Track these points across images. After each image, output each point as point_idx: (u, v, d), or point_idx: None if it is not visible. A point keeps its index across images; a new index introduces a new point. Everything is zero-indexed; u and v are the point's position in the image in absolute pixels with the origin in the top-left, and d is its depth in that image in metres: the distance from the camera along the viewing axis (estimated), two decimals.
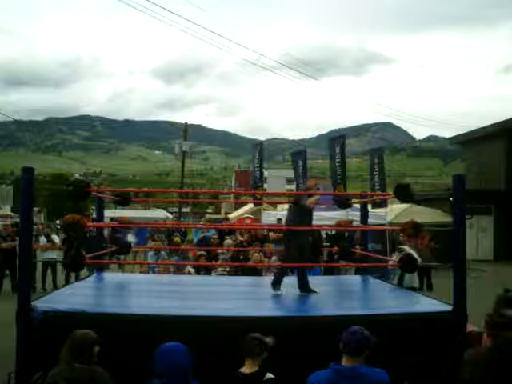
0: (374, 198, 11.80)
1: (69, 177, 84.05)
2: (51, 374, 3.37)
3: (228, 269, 9.38)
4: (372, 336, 3.38)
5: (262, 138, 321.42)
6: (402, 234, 8.21)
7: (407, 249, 7.87)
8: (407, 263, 6.20)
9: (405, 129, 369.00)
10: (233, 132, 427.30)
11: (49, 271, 13.23)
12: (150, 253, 10.84)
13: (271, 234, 12.50)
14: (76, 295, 5.64)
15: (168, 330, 4.18)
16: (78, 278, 9.27)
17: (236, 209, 35.72)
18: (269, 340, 3.70)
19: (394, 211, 16.22)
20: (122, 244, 8.61)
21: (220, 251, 10.34)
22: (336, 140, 15.18)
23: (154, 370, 3.28)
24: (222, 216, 48.42)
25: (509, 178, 23.06)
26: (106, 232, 15.38)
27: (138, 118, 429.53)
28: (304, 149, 18.60)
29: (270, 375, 3.56)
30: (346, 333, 3.36)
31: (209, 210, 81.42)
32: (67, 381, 3.26)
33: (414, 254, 7.89)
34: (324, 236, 15.03)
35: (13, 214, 26.70)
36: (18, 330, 4.43)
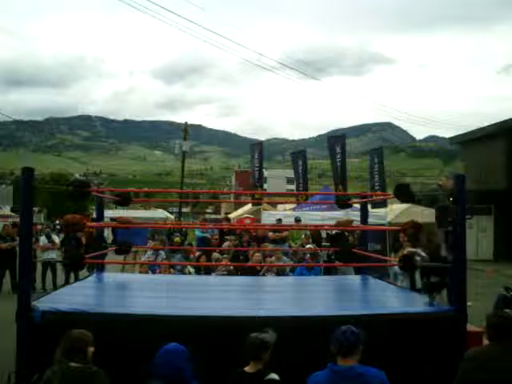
0: (374, 197, 11.79)
1: (69, 177, 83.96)
2: (46, 374, 3.38)
3: (230, 268, 9.38)
4: (362, 332, 3.38)
5: (262, 138, 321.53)
6: (401, 235, 8.19)
7: (420, 252, 7.85)
8: (407, 263, 6.19)
9: (405, 129, 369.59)
10: (233, 132, 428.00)
11: (49, 271, 13.23)
12: (149, 253, 10.82)
13: (271, 234, 12.51)
14: (76, 295, 5.63)
15: (168, 330, 4.18)
16: (77, 278, 9.28)
17: (236, 209, 35.68)
18: (270, 338, 3.68)
19: (394, 211, 16.20)
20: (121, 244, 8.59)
21: (216, 254, 10.29)
22: (336, 140, 15.21)
23: (153, 371, 3.29)
24: (221, 216, 48.41)
25: (509, 178, 23.04)
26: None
27: (138, 118, 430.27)
28: (304, 149, 18.63)
29: (274, 376, 3.56)
30: (336, 333, 3.35)
31: (209, 210, 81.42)
32: (62, 381, 3.27)
33: (424, 255, 7.86)
34: (324, 236, 15.04)
35: (13, 213, 26.70)
36: (17, 329, 4.43)
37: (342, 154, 14.36)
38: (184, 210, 44.91)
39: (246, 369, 3.61)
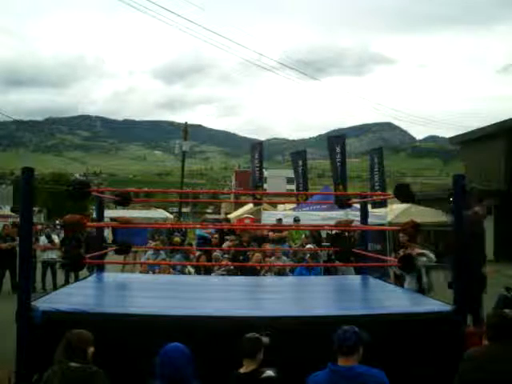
0: (374, 198, 11.80)
1: (69, 177, 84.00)
2: (46, 374, 3.38)
3: (232, 268, 9.38)
4: (364, 333, 3.38)
5: (262, 138, 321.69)
6: (402, 235, 8.19)
7: (428, 253, 7.84)
8: (406, 263, 6.20)
9: (405, 129, 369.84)
10: (233, 132, 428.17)
11: (49, 271, 13.23)
12: (149, 253, 10.83)
13: (271, 233, 12.52)
14: (76, 295, 5.63)
15: (168, 330, 4.18)
16: (77, 278, 9.28)
17: (236, 209, 35.69)
18: (264, 340, 3.70)
19: (394, 211, 16.21)
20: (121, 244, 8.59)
21: (217, 253, 10.30)
22: (336, 140, 15.19)
23: (154, 371, 3.29)
24: (221, 216, 48.38)
25: (509, 178, 23.06)
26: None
27: (138, 118, 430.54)
28: (304, 149, 18.60)
29: (270, 373, 3.57)
30: (337, 333, 3.36)
31: (209, 210, 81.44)
32: (62, 381, 3.27)
33: (433, 257, 7.85)
34: (324, 236, 15.05)
35: (13, 213, 26.71)
36: (17, 330, 4.43)
37: (342, 154, 14.34)
38: (184, 209, 44.89)
39: (241, 370, 3.62)
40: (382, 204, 13.95)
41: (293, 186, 35.12)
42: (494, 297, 7.67)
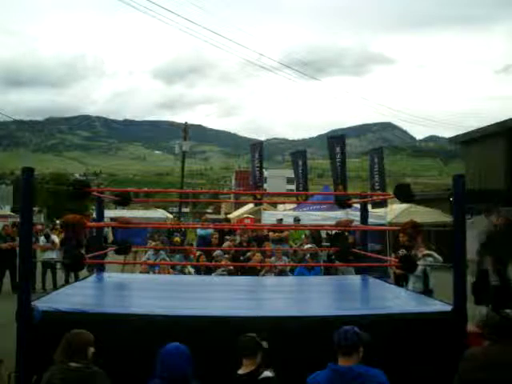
0: (374, 198, 11.80)
1: (69, 177, 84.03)
2: (46, 374, 3.37)
3: (231, 268, 9.37)
4: (364, 334, 3.38)
5: (262, 138, 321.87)
6: (401, 235, 8.18)
7: (434, 253, 7.84)
8: (407, 263, 6.20)
9: (405, 129, 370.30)
10: (233, 132, 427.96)
11: (49, 271, 13.23)
12: (149, 253, 10.83)
13: (271, 233, 12.52)
14: (76, 295, 5.63)
15: (168, 330, 4.18)
16: (77, 278, 9.28)
17: (236, 209, 35.70)
18: (264, 344, 3.70)
19: (394, 211, 16.21)
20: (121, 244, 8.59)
21: (218, 252, 10.28)
22: (336, 140, 15.24)
23: (154, 370, 3.29)
24: (221, 216, 48.39)
25: (509, 178, 23.04)
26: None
27: (138, 118, 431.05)
28: (304, 149, 18.66)
29: (268, 373, 3.56)
30: (338, 333, 3.36)
31: (209, 210, 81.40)
32: (62, 381, 3.26)
33: (439, 257, 7.86)
34: (324, 236, 15.05)
35: (13, 213, 26.73)
36: (17, 329, 4.43)
37: (342, 154, 14.39)
38: (184, 209, 44.92)
39: (240, 370, 3.62)
40: (382, 204, 13.98)
41: (293, 186, 35.13)
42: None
